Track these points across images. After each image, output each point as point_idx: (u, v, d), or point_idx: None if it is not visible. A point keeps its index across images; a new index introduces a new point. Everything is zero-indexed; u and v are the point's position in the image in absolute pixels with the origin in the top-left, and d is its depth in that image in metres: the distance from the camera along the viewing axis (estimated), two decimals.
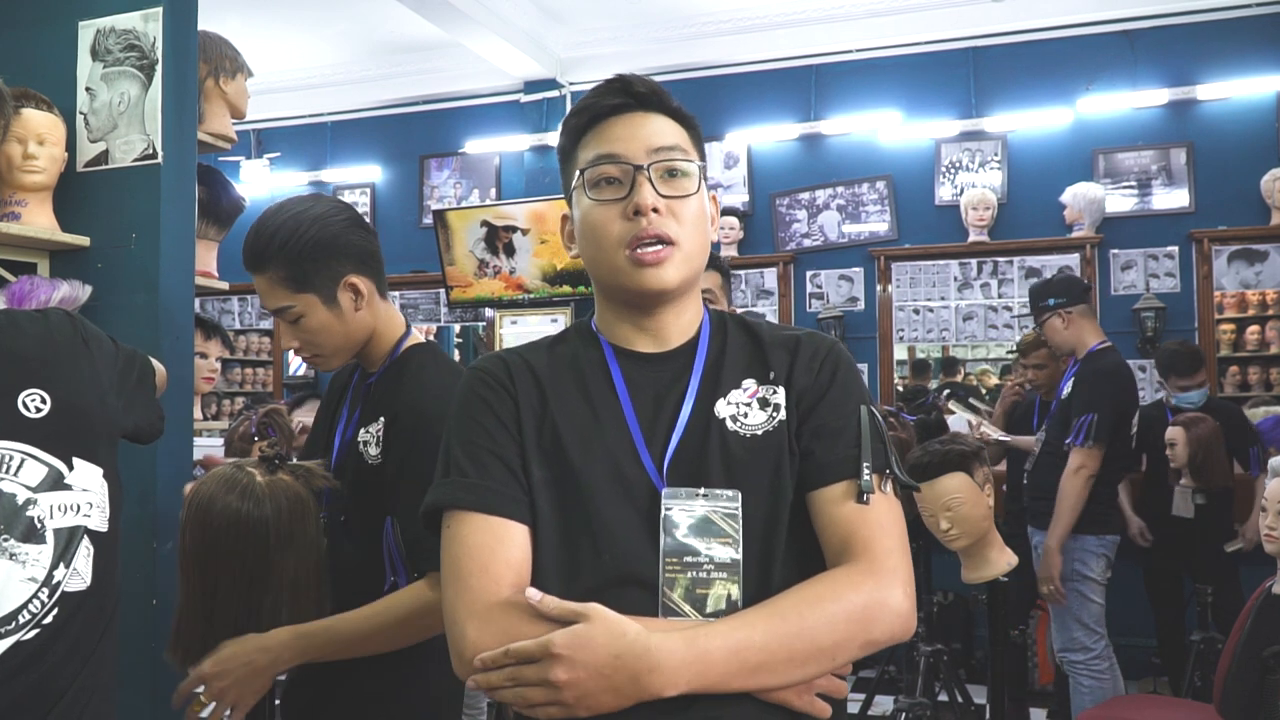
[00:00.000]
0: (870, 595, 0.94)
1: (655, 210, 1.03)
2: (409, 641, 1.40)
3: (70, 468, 1.22)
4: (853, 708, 3.84)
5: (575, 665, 0.87)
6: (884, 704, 3.75)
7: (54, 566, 1.18)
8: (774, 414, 1.04)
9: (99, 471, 1.25)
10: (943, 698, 3.20)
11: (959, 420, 4.45)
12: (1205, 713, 2.57)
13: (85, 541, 1.22)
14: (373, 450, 1.49)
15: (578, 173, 1.08)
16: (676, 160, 1.06)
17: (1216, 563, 3.74)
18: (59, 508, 1.20)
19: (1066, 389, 3.43)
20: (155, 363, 1.53)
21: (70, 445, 1.22)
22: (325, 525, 1.47)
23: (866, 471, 0.99)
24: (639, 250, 1.03)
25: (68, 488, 1.21)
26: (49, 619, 1.17)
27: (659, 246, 1.03)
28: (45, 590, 1.17)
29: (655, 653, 0.88)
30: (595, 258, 1.07)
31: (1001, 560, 2.20)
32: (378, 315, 1.57)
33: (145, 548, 2.04)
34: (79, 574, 1.21)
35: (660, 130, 1.07)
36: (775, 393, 1.05)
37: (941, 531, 2.21)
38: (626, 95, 1.07)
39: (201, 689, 1.35)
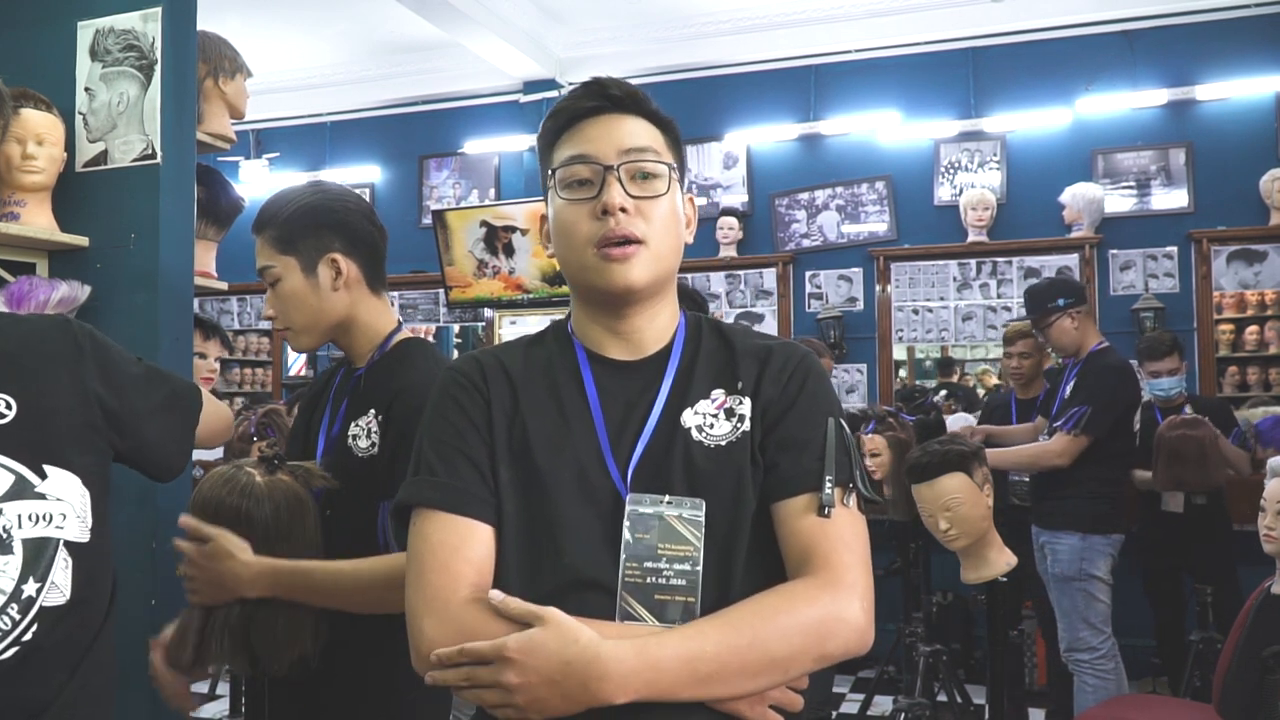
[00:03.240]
0: (826, 609, 0.94)
1: (624, 210, 1.04)
2: (384, 608, 1.35)
3: (42, 476, 1.16)
4: (852, 708, 3.85)
5: (526, 670, 0.88)
6: (883, 704, 3.75)
7: (23, 580, 1.13)
8: (738, 424, 1.04)
9: (76, 480, 1.19)
10: (942, 698, 3.20)
11: (959, 420, 4.45)
12: (1205, 713, 2.57)
13: (62, 554, 1.17)
14: (363, 443, 1.49)
15: (551, 172, 1.09)
16: (647, 161, 1.06)
17: (1215, 562, 3.74)
18: (28, 517, 1.14)
19: (1069, 389, 3.43)
20: (217, 404, 1.45)
21: (41, 453, 1.17)
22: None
23: (829, 485, 1.00)
24: (606, 249, 1.04)
25: (39, 496, 1.16)
26: (28, 636, 1.13)
27: (626, 245, 1.04)
28: (16, 605, 1.12)
29: (605, 661, 0.88)
30: (566, 256, 1.08)
31: (1001, 560, 2.20)
32: (359, 304, 1.57)
33: (145, 548, 2.04)
34: (57, 587, 1.16)
35: (633, 131, 1.07)
36: (741, 403, 1.05)
37: (941, 532, 2.21)
38: (602, 98, 1.08)
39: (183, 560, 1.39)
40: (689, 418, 1.04)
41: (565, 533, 1.00)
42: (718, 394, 1.06)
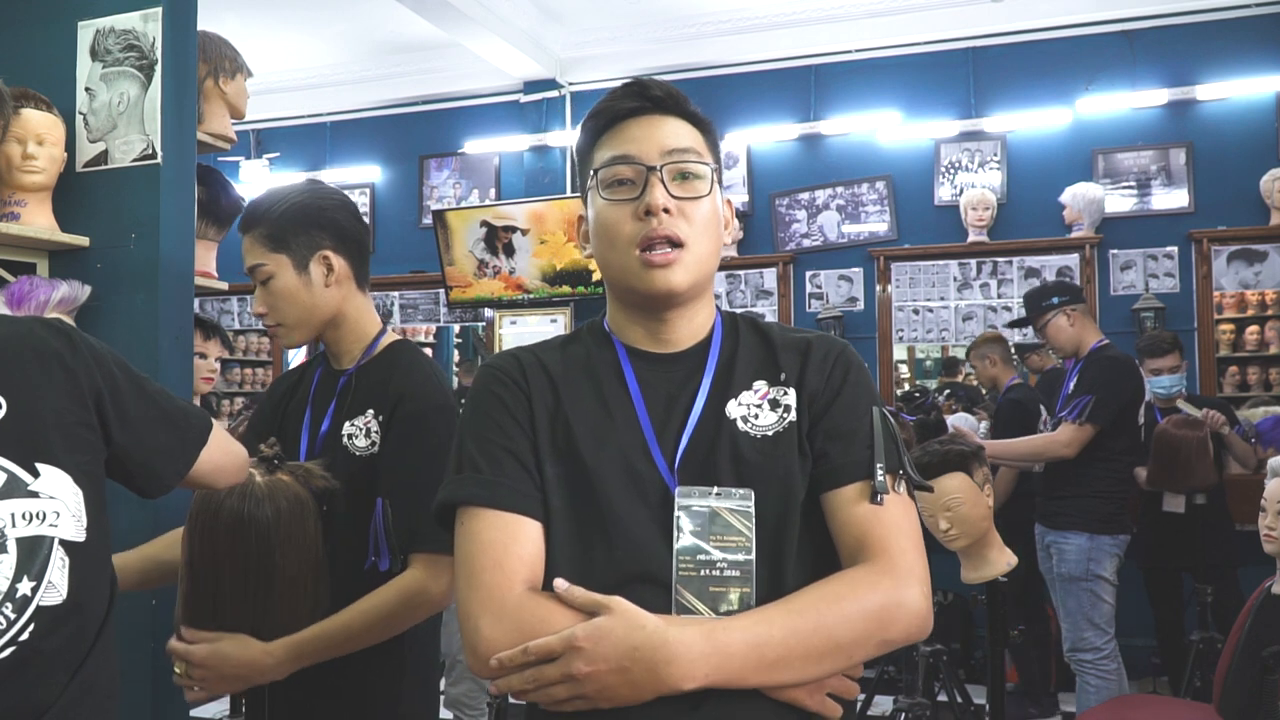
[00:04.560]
0: (888, 595, 0.95)
1: (666, 211, 1.03)
2: (398, 631, 1.45)
3: (34, 474, 1.15)
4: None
5: (594, 657, 0.88)
6: (883, 704, 3.75)
7: (18, 578, 1.12)
8: (784, 415, 1.05)
9: (68, 478, 1.18)
10: (942, 698, 3.19)
11: (958, 419, 4.45)
12: (1205, 712, 2.57)
13: (59, 552, 1.16)
14: (360, 442, 1.51)
15: (593, 173, 1.09)
16: (690, 162, 1.07)
17: (1216, 562, 3.74)
18: (21, 516, 1.13)
19: (1072, 384, 3.44)
20: (233, 444, 1.40)
21: (32, 450, 1.15)
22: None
23: (880, 472, 1.00)
24: (648, 252, 1.03)
25: (32, 495, 1.15)
26: (24, 636, 1.12)
27: (668, 249, 1.04)
28: (10, 604, 1.11)
29: (673, 645, 0.89)
30: (607, 257, 1.08)
31: (1001, 560, 2.20)
32: (349, 301, 1.59)
33: None
34: (54, 587, 1.15)
35: (675, 132, 1.08)
36: (786, 394, 1.06)
37: (941, 532, 2.21)
38: (643, 98, 1.08)
39: (182, 666, 1.38)
40: (733, 409, 1.05)
41: (615, 527, 0.99)
42: (760, 385, 1.07)
